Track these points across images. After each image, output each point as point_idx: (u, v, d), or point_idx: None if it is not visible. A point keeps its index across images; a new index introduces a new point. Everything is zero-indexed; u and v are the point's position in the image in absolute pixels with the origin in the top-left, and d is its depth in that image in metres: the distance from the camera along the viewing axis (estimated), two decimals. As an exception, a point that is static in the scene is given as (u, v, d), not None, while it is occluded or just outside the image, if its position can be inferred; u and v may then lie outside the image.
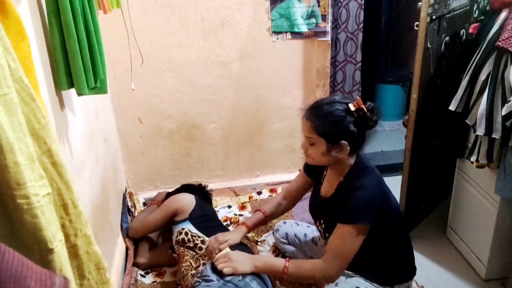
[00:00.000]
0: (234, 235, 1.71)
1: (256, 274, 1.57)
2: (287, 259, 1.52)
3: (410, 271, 1.61)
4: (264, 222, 1.84)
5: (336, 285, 1.51)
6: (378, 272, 1.52)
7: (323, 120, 1.40)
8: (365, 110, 1.38)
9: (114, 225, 1.96)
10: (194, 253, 1.80)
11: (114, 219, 1.99)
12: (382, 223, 1.43)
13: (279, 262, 1.51)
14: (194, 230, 1.87)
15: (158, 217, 2.02)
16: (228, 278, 1.54)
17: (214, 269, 1.61)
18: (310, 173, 1.74)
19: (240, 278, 1.53)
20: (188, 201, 2.00)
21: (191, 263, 1.78)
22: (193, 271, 1.74)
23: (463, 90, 1.81)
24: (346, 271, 1.52)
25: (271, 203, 1.84)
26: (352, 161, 1.50)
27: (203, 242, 1.81)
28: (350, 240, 1.39)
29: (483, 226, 1.95)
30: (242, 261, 1.55)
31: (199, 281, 1.61)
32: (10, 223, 0.74)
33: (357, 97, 1.43)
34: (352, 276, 1.52)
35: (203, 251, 1.79)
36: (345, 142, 1.40)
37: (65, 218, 0.90)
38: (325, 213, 1.56)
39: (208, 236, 1.81)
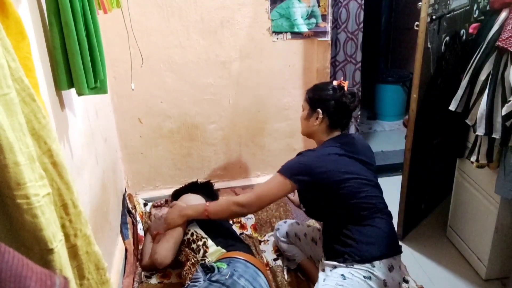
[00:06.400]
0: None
1: (246, 272, 1.60)
2: (208, 201, 1.84)
3: (387, 248, 1.55)
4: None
5: (324, 280, 1.52)
6: (351, 251, 1.51)
7: (313, 89, 1.73)
8: (345, 89, 1.65)
9: (113, 225, 1.96)
10: (194, 256, 1.80)
11: (114, 219, 1.99)
12: (328, 193, 1.56)
13: (201, 205, 1.82)
14: (199, 231, 1.86)
15: (176, 231, 1.88)
16: (214, 278, 1.55)
17: (204, 268, 1.63)
18: None
19: (227, 277, 1.53)
20: (193, 202, 1.97)
21: (190, 268, 1.77)
22: (191, 275, 1.73)
23: (463, 90, 1.81)
24: (328, 262, 1.55)
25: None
26: (325, 138, 1.67)
27: (204, 244, 1.81)
28: (272, 185, 1.61)
29: (483, 226, 1.95)
30: (173, 217, 1.86)
31: (188, 283, 1.64)
32: (10, 223, 0.74)
33: (344, 80, 1.72)
34: (336, 267, 1.53)
35: (200, 254, 1.79)
36: (320, 110, 1.65)
37: (65, 218, 0.90)
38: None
39: (213, 237, 1.82)
